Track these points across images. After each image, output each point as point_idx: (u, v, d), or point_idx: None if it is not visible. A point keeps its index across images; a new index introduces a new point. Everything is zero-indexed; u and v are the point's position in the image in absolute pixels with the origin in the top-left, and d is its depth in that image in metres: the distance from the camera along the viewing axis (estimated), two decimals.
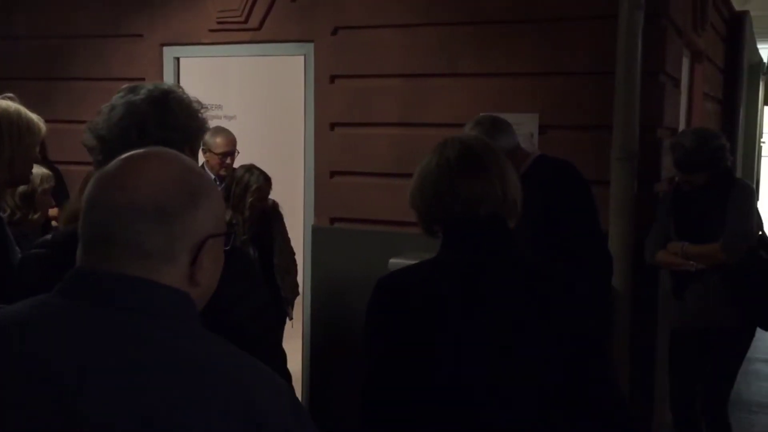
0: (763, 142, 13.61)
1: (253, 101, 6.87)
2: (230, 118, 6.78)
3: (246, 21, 4.75)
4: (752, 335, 3.88)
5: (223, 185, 4.48)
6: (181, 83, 5.07)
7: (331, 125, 4.63)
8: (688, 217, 3.80)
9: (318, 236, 4.69)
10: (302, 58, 4.68)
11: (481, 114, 3.36)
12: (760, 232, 3.82)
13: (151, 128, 1.66)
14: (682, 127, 5.11)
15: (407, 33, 4.41)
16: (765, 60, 12.11)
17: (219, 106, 6.75)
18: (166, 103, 1.69)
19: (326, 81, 4.62)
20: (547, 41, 4.11)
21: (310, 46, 4.64)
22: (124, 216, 1.05)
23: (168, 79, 5.04)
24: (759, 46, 10.33)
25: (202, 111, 1.77)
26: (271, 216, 4.58)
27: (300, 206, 4.76)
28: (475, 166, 1.79)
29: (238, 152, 4.89)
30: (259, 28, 4.75)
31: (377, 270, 4.68)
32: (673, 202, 3.88)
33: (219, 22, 4.81)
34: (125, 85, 1.78)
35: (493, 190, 1.77)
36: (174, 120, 1.68)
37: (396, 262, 4.25)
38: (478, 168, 1.78)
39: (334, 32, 4.58)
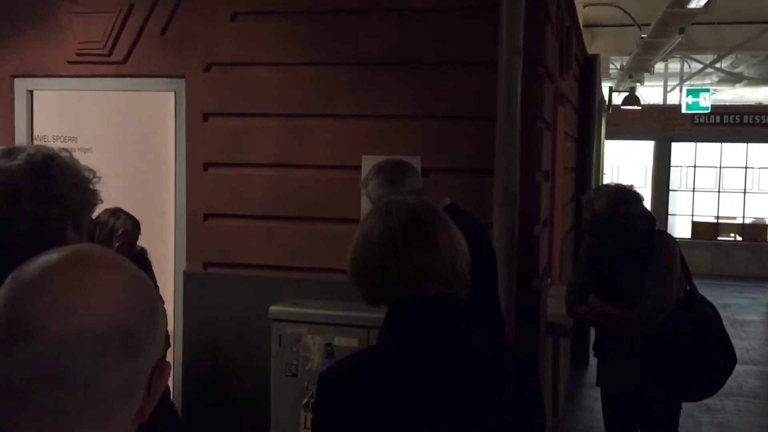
0: (605, 174, 14.43)
1: (115, 136, 6.47)
2: (85, 150, 6.34)
3: (109, 54, 4.46)
4: (678, 404, 3.57)
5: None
6: (35, 118, 4.68)
7: (204, 165, 4.41)
8: (605, 275, 3.54)
9: (191, 283, 4.43)
10: (172, 94, 4.44)
11: (383, 159, 3.24)
12: (683, 293, 3.46)
13: (25, 200, 1.44)
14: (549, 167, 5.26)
15: (285, 71, 4.27)
16: (605, 98, 12.87)
17: (73, 138, 6.30)
18: (47, 171, 1.48)
19: (199, 119, 4.40)
20: (427, 84, 4.11)
21: (181, 82, 4.40)
22: (78, 348, 0.82)
23: (20, 113, 4.63)
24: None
25: (93, 181, 1.55)
26: (140, 264, 4.27)
27: (170, 251, 4.48)
28: (422, 238, 1.62)
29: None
30: (124, 61, 4.46)
31: (256, 318, 4.53)
32: (589, 256, 3.64)
33: (79, 54, 4.48)
34: (1, 146, 1.54)
35: (442, 264, 1.61)
36: (54, 190, 1.47)
37: (277, 309, 4.09)
38: (426, 240, 1.62)
39: (207, 68, 4.38)
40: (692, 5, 6.42)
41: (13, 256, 1.45)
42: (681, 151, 16.84)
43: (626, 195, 3.45)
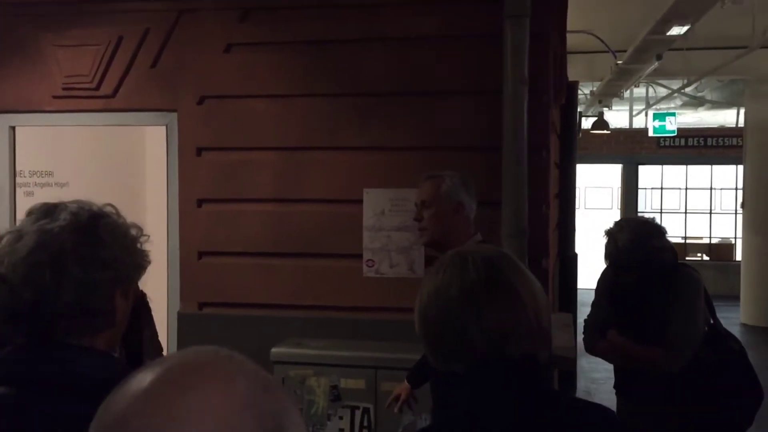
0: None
1: (96, 171, 6.27)
2: (62, 185, 6.13)
3: (98, 87, 4.29)
4: None
5: None
6: (18, 154, 4.49)
7: (198, 201, 4.25)
8: (627, 310, 3.38)
9: (185, 324, 4.25)
10: (164, 128, 4.28)
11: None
12: (707, 327, 3.32)
13: (71, 266, 1.27)
14: None
15: (282, 103, 4.16)
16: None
17: (50, 173, 6.09)
18: (94, 231, 1.31)
19: (192, 153, 4.25)
20: (431, 115, 4.03)
21: (173, 116, 4.26)
22: None
23: (1, 149, 4.43)
24: None
25: (141, 240, 1.39)
26: (139, 308, 4.08)
27: (163, 290, 4.30)
28: (505, 293, 1.47)
29: None
30: (113, 95, 4.30)
31: (256, 360, 4.32)
32: (611, 289, 3.48)
33: (65, 88, 4.31)
34: (37, 203, 1.39)
35: (527, 321, 1.47)
36: (103, 254, 1.30)
37: (279, 351, 3.94)
38: (510, 295, 1.47)
39: (200, 101, 4.24)
40: (673, 32, 6.47)
41: (59, 330, 1.29)
42: (648, 174, 17.06)
43: (650, 228, 3.32)
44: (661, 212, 16.81)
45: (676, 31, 6.45)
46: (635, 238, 3.27)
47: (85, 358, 1.28)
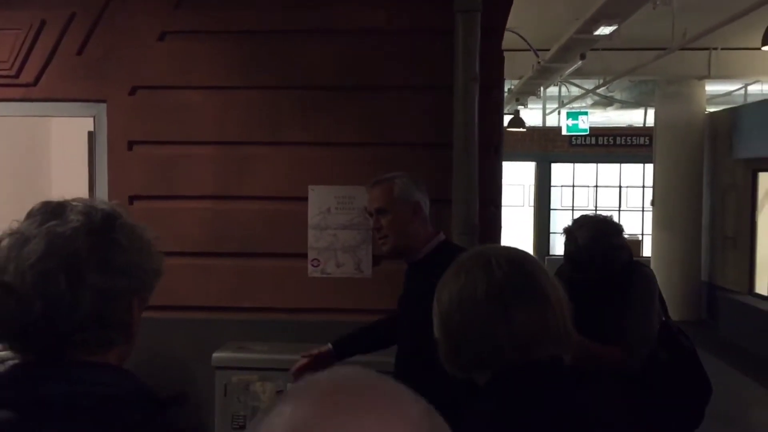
0: None
1: (19, 169, 5.85)
2: None
3: (17, 75, 3.97)
4: None
5: None
6: None
7: (129, 198, 3.98)
8: (584, 308, 3.47)
9: None
10: (91, 120, 4.00)
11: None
12: (659, 325, 3.30)
13: (88, 273, 1.12)
14: None
15: (221, 95, 3.95)
16: None
17: None
18: (110, 234, 1.16)
19: (123, 147, 3.99)
20: (379, 110, 3.90)
21: (102, 107, 3.98)
22: None
23: None
24: None
25: (154, 241, 1.24)
26: None
27: None
28: (533, 294, 1.41)
29: None
30: (35, 83, 3.99)
31: (195, 365, 4.13)
32: (567, 287, 3.56)
33: None
34: (37, 203, 1.20)
35: (555, 323, 1.41)
36: (121, 259, 1.15)
37: (221, 356, 3.74)
38: (538, 296, 1.41)
39: (132, 92, 3.98)
40: (600, 32, 6.56)
41: (74, 344, 1.13)
42: (560, 172, 17.45)
43: (609, 226, 3.30)
44: (572, 209, 17.20)
45: (604, 30, 6.54)
46: (595, 236, 3.23)
47: (105, 375, 1.12)
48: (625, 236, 3.36)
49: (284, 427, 0.61)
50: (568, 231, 3.34)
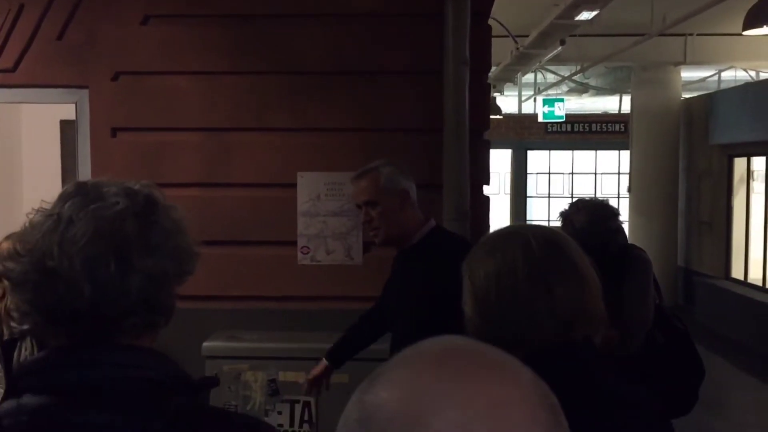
0: None
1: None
2: None
3: None
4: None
5: None
6: None
7: None
8: None
9: None
10: (73, 107, 3.91)
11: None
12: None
13: (136, 257, 1.08)
14: None
15: (208, 81, 3.88)
16: None
17: None
18: (154, 215, 1.13)
19: (106, 134, 3.91)
20: (368, 95, 3.86)
21: (84, 93, 3.89)
22: None
23: None
24: None
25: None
26: None
27: None
28: (573, 274, 1.39)
29: None
30: (14, 69, 3.89)
31: (184, 355, 4.05)
32: None
33: None
34: (69, 184, 1.15)
35: (593, 304, 1.40)
36: (169, 244, 1.13)
37: (211, 345, 3.69)
38: (577, 276, 1.40)
39: (115, 77, 3.89)
40: (582, 17, 6.56)
41: (122, 329, 1.10)
42: (536, 159, 17.50)
43: (606, 210, 3.29)
44: (549, 197, 17.29)
45: (585, 16, 6.54)
46: (593, 219, 3.21)
47: (146, 359, 1.10)
48: (621, 220, 3.36)
49: (402, 392, 0.60)
50: (564, 215, 3.32)
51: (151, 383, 1.08)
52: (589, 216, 3.22)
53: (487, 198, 3.98)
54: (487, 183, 3.99)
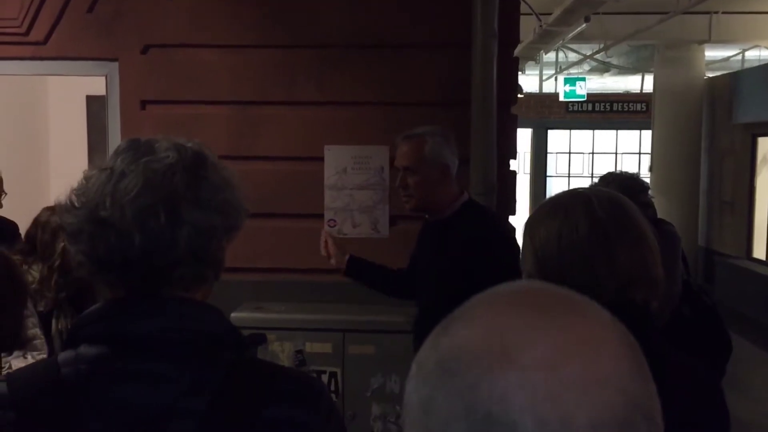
0: None
1: (15, 130, 5.76)
2: None
3: (27, 33, 3.90)
4: None
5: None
6: None
7: None
8: None
9: None
10: (103, 79, 3.95)
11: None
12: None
13: (185, 210, 1.11)
14: None
15: (236, 54, 3.90)
16: None
17: None
18: (203, 171, 1.15)
19: (136, 107, 3.94)
20: (395, 68, 3.86)
21: (114, 66, 3.93)
22: None
23: None
24: None
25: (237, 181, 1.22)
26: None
27: None
28: (635, 236, 1.39)
29: (5, 193, 4.07)
30: (45, 42, 3.92)
31: None
32: None
33: None
34: (123, 140, 1.19)
35: (654, 267, 1.40)
36: (218, 198, 1.15)
37: (239, 316, 3.74)
38: (639, 238, 1.39)
39: (144, 50, 3.92)
40: None
41: (171, 280, 1.13)
42: (556, 138, 17.42)
43: (635, 183, 3.29)
44: (569, 176, 17.22)
45: None
46: (623, 194, 3.20)
47: (200, 312, 1.13)
48: (650, 194, 3.36)
49: (485, 329, 0.59)
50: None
51: (206, 336, 1.11)
52: (619, 190, 3.17)
53: (514, 172, 3.99)
54: (514, 157, 4.00)
